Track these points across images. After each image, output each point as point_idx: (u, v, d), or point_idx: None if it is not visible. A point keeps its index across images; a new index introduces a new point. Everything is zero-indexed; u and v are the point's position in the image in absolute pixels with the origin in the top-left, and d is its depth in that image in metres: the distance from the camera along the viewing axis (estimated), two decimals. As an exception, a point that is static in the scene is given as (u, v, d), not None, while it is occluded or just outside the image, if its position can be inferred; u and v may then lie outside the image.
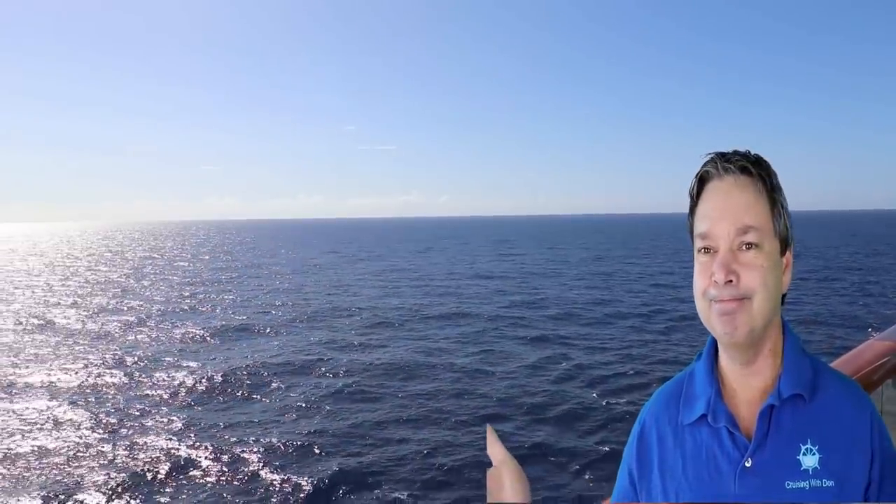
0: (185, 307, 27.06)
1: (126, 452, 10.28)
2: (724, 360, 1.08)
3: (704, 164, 1.05)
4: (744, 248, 0.99)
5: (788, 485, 0.97)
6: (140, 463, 9.84)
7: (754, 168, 1.02)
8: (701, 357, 1.12)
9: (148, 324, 22.75)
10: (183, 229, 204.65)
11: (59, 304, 28.70)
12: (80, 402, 12.96)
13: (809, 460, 0.97)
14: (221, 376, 14.68)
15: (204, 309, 26.31)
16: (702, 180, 1.05)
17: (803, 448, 0.98)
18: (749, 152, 1.04)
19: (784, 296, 1.05)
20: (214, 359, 16.74)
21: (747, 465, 0.99)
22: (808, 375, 1.02)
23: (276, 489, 8.96)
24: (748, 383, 1.05)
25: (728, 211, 1.00)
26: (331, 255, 60.20)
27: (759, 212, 1.01)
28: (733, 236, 0.99)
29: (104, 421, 11.77)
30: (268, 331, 20.76)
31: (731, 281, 0.98)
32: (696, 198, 1.06)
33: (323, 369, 15.32)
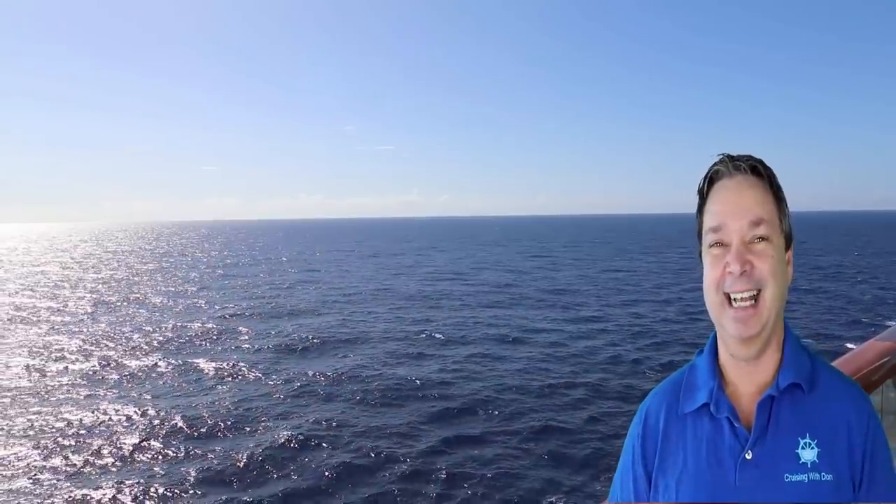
0: (268, 294, 30.41)
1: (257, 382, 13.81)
2: (726, 354, 1.11)
3: (714, 165, 1.10)
4: (755, 240, 1.04)
5: (787, 477, 1.00)
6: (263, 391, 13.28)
7: (762, 168, 1.08)
8: (703, 352, 1.16)
9: (242, 304, 26.18)
10: (192, 229, 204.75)
11: (152, 293, 31.14)
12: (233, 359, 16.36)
13: (808, 454, 1.00)
14: (327, 338, 18.60)
15: (286, 295, 29.84)
16: (711, 180, 1.10)
17: (802, 442, 1.01)
18: (752, 156, 1.10)
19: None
20: (322, 324, 20.71)
21: (747, 456, 1.02)
22: (807, 369, 1.06)
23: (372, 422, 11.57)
24: (749, 377, 1.08)
25: (741, 205, 1.05)
26: (355, 254, 62.44)
27: (768, 208, 1.06)
28: (746, 229, 1.04)
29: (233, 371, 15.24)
30: (351, 308, 24.41)
31: (745, 270, 1.03)
32: (705, 196, 1.10)
33: (401, 336, 19.14)
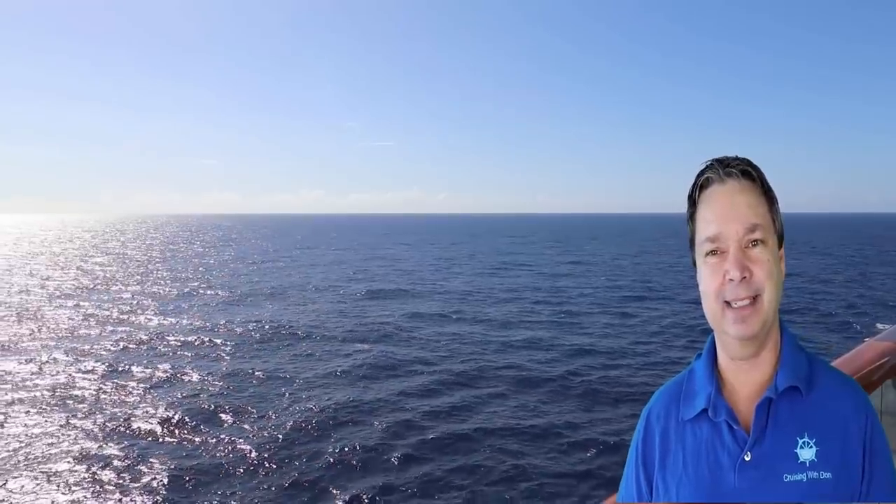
0: (332, 282, 32.83)
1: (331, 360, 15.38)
2: (724, 358, 1.13)
3: (704, 171, 1.11)
4: (751, 245, 1.06)
5: (786, 477, 1.01)
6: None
7: (753, 171, 1.09)
8: (701, 356, 1.18)
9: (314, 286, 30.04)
10: (201, 222, 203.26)
11: (223, 286, 33.01)
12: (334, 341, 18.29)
13: (807, 453, 1.01)
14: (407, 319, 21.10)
15: (360, 276, 33.35)
16: (702, 186, 1.11)
17: (800, 441, 1.02)
18: (741, 159, 1.11)
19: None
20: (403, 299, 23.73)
21: (746, 458, 1.04)
22: (805, 370, 1.08)
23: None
24: (747, 379, 1.10)
25: (736, 212, 1.07)
26: (370, 251, 63.07)
27: (761, 211, 1.08)
28: (742, 235, 1.06)
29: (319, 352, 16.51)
30: (428, 291, 27.23)
31: (745, 277, 1.05)
32: (696, 203, 1.11)
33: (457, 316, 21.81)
